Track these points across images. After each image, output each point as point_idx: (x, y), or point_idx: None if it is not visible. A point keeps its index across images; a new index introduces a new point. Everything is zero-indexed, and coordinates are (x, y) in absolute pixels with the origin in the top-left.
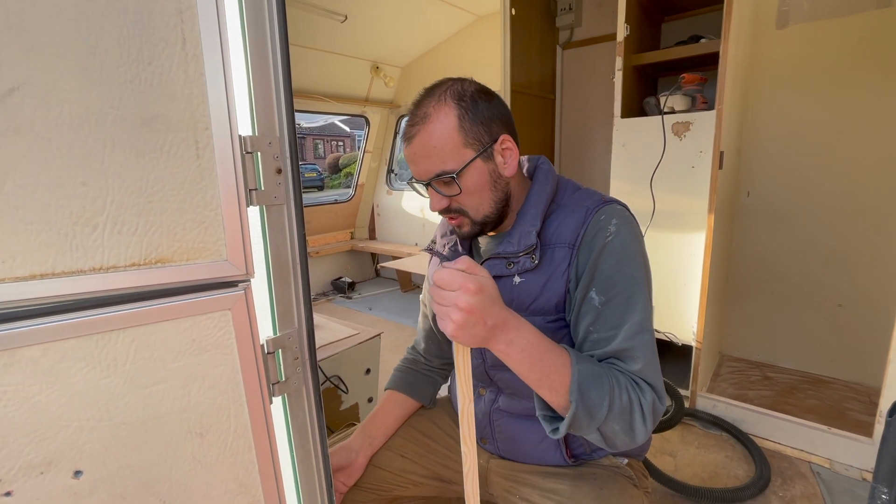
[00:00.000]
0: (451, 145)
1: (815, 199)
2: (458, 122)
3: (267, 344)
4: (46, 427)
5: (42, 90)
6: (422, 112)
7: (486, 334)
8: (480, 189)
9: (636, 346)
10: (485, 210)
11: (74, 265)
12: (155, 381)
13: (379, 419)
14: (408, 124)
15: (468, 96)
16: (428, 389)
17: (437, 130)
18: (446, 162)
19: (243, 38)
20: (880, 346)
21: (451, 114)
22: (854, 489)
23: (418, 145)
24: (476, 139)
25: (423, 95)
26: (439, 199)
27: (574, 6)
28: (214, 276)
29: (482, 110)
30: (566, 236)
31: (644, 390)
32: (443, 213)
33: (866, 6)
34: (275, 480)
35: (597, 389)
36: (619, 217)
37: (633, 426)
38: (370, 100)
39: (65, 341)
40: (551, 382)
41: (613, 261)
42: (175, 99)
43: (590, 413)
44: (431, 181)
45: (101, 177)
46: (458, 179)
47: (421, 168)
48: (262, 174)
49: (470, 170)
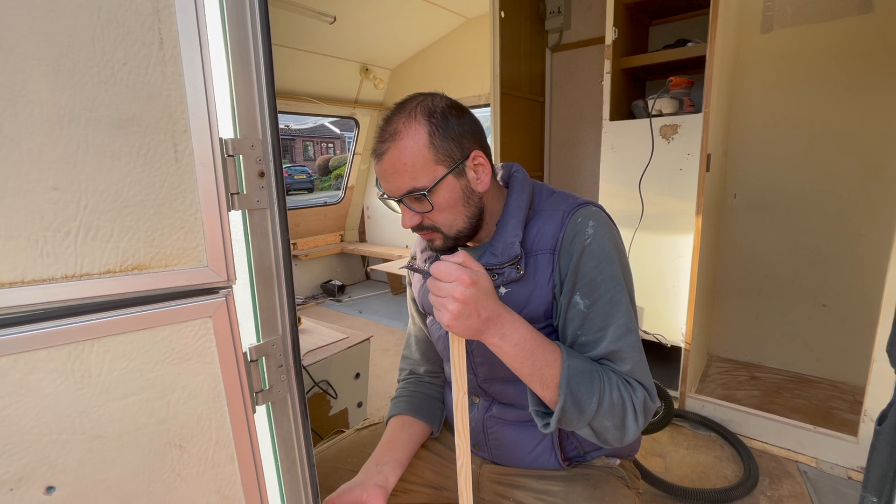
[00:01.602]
0: (422, 162)
1: (799, 201)
2: (428, 139)
3: (250, 352)
4: (16, 441)
5: (10, 91)
6: (391, 129)
7: (481, 326)
8: (453, 205)
9: (624, 347)
10: (458, 226)
11: (45, 273)
12: (131, 392)
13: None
14: (377, 141)
15: (439, 112)
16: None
17: (407, 147)
18: (417, 179)
19: (224, 38)
20: (864, 346)
21: (422, 130)
22: (840, 487)
23: (388, 162)
24: (447, 155)
25: (392, 111)
26: (411, 216)
27: (563, 9)
28: (194, 283)
29: (453, 126)
30: (546, 242)
31: (635, 389)
32: (416, 229)
33: (848, 11)
34: (258, 491)
35: (586, 385)
36: (595, 219)
37: (625, 423)
38: (360, 101)
39: (35, 352)
40: (542, 377)
41: (594, 263)
42: (152, 100)
43: (579, 408)
44: (403, 198)
45: (73, 181)
46: (430, 196)
47: (392, 185)
48: (244, 178)
49: (442, 186)
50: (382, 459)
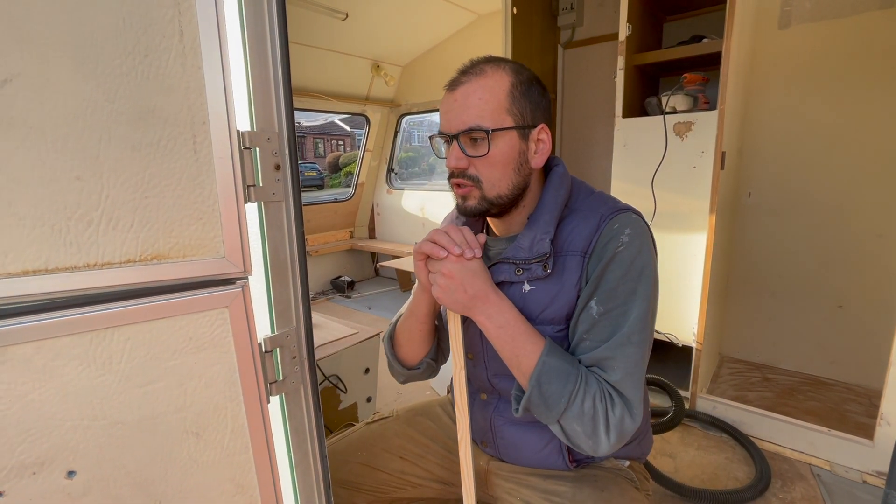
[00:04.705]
0: (496, 105)
1: (816, 201)
2: (510, 88)
3: (265, 342)
4: (39, 426)
5: (36, 82)
6: (478, 67)
7: (468, 302)
8: (505, 164)
9: (617, 356)
10: (500, 188)
11: (68, 261)
12: (150, 379)
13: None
14: (458, 72)
15: (526, 74)
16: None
17: (487, 86)
18: (484, 118)
19: (242, 32)
20: (881, 348)
21: (507, 78)
22: (854, 491)
23: (462, 93)
24: (520, 112)
25: (480, 58)
26: (460, 157)
27: (576, 5)
28: (212, 274)
29: (534, 93)
30: (579, 244)
31: (615, 405)
32: (456, 175)
33: (869, 7)
34: (272, 481)
35: (557, 384)
36: (632, 227)
37: (597, 434)
38: (370, 98)
39: (58, 339)
40: (519, 364)
41: (620, 273)
42: (172, 92)
43: (546, 404)
44: (461, 134)
45: (96, 171)
46: (490, 140)
47: (456, 119)
48: (260, 170)
49: (503, 137)
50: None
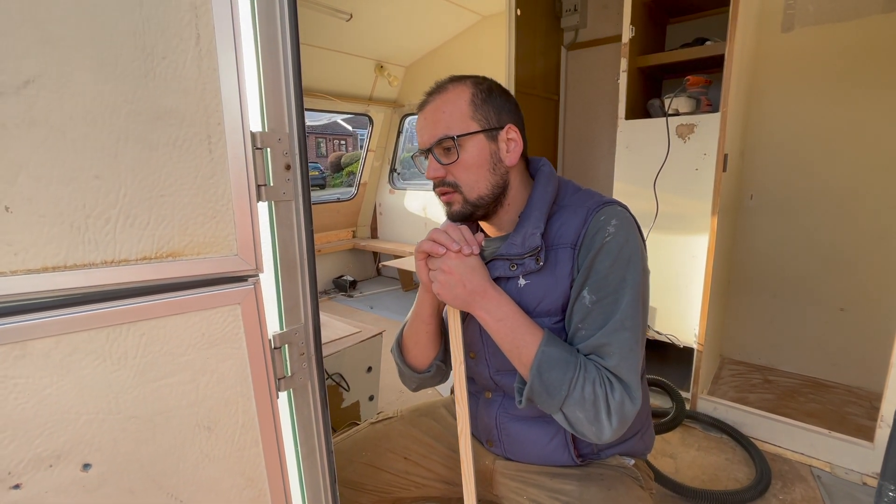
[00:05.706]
0: (459, 115)
1: (818, 203)
2: (470, 98)
3: (274, 339)
4: (56, 420)
5: (57, 83)
6: (441, 86)
7: (467, 297)
8: (479, 165)
9: (613, 342)
10: (480, 190)
11: (86, 258)
12: (164, 374)
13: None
14: (425, 94)
15: (486, 84)
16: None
17: (450, 99)
18: (451, 128)
19: (255, 35)
20: (882, 351)
21: (467, 90)
22: (854, 493)
23: (429, 111)
24: (484, 117)
25: (444, 79)
26: (436, 168)
27: (579, 7)
28: (225, 271)
29: (496, 98)
30: (568, 237)
31: (615, 389)
32: (437, 186)
33: (872, 10)
34: (281, 475)
35: (557, 372)
36: (618, 218)
37: (599, 419)
38: (374, 99)
39: (76, 334)
40: (520, 355)
41: (609, 262)
42: (188, 94)
43: (548, 392)
44: (433, 147)
45: (114, 170)
46: (458, 146)
47: (427, 134)
48: (271, 170)
49: (471, 140)
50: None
